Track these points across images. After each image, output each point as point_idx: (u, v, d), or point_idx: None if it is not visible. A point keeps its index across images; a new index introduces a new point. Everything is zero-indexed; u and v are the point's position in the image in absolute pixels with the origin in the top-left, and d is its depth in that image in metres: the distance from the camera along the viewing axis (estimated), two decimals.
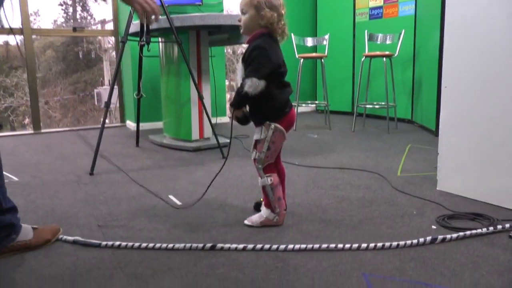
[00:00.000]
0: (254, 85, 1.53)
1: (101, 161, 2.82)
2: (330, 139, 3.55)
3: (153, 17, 1.77)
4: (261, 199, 1.78)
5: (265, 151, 1.64)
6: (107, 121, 4.15)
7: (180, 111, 3.22)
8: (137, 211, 1.89)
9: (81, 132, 4.19)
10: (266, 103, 1.59)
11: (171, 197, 2.09)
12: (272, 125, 1.62)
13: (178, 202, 2.01)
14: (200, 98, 3.03)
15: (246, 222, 1.72)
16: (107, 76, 10.78)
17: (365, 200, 2.01)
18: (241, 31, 1.66)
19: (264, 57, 1.55)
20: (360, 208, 1.90)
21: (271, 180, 1.66)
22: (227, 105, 1.63)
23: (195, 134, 3.22)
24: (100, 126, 2.71)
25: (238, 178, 2.40)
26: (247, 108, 1.66)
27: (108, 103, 2.72)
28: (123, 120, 4.70)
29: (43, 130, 4.19)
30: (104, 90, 8.72)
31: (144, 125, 3.94)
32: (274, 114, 1.63)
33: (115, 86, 3.82)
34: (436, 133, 3.49)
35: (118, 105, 4.71)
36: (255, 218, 1.71)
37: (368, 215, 1.81)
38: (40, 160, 2.94)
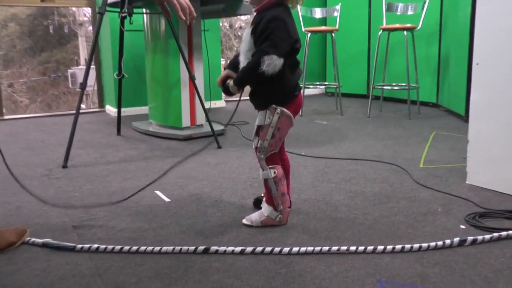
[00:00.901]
0: (274, 63, 1.52)
1: (76, 152, 2.81)
2: (341, 126, 3.55)
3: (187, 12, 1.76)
4: (262, 195, 1.78)
5: (269, 139, 1.63)
6: (83, 106, 4.14)
7: (168, 94, 3.21)
8: (119, 209, 1.88)
9: (53, 118, 4.18)
10: (278, 84, 1.58)
11: (157, 193, 2.08)
12: (278, 109, 1.61)
13: (166, 199, 2.01)
14: (192, 79, 3.01)
15: (244, 221, 1.72)
16: (83, 54, 10.74)
17: (382, 195, 2.01)
18: (249, 0, 1.64)
19: (284, 31, 1.54)
20: (376, 204, 1.90)
21: (274, 172, 1.65)
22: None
23: (185, 121, 3.21)
24: (74, 111, 2.69)
25: (235, 171, 2.39)
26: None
27: (84, 85, 2.70)
28: (102, 105, 4.68)
29: (6, 117, 4.18)
30: (79, 71, 8.74)
31: (126, 111, 3.93)
32: (282, 97, 1.62)
33: (92, 66, 3.80)
34: (465, 118, 3.48)
35: (96, 87, 4.69)
36: (255, 216, 1.71)
37: (385, 213, 1.80)
38: (3, 151, 2.92)
